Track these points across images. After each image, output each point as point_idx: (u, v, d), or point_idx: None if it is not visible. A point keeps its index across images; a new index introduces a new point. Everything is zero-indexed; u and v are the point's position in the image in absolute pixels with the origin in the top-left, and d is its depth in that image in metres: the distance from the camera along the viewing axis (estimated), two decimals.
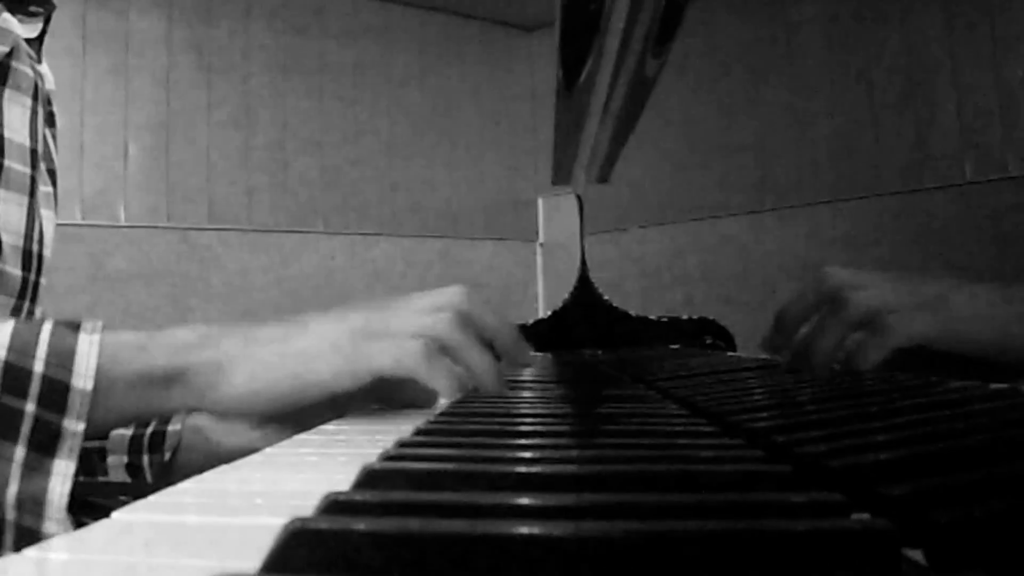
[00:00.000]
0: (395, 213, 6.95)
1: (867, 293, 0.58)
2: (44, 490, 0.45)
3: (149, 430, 0.76)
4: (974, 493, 0.21)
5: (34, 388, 0.45)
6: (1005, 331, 0.56)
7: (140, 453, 0.75)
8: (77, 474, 0.46)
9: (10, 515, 0.44)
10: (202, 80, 6.62)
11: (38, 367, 0.46)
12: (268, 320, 0.53)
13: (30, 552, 0.22)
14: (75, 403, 0.46)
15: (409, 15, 7.29)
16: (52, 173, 0.78)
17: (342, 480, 0.26)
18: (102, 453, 0.76)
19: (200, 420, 0.77)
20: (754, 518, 0.20)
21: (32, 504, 0.45)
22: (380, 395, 0.57)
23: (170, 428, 0.76)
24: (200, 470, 0.72)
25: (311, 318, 0.52)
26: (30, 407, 0.45)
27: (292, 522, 0.18)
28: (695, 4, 0.60)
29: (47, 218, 0.75)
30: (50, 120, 0.78)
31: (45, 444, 0.45)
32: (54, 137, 0.79)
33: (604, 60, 0.69)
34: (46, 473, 0.45)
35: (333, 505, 0.21)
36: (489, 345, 0.57)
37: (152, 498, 0.28)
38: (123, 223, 6.24)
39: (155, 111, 6.44)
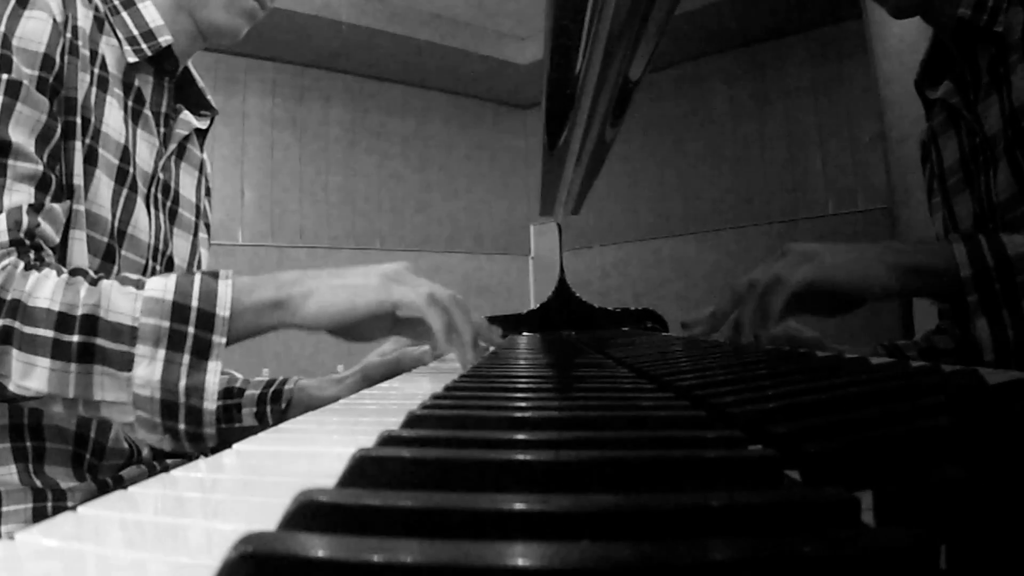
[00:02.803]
0: (430, 235, 6.97)
1: (761, 268, 0.59)
2: (203, 381, 0.50)
3: (271, 389, 0.78)
4: (835, 432, 0.21)
5: (192, 317, 0.50)
6: (865, 270, 0.57)
7: (265, 404, 0.78)
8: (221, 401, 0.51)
9: (181, 399, 0.50)
10: (295, 143, 6.63)
11: (194, 303, 0.51)
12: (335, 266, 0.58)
13: (176, 472, 0.22)
14: (219, 325, 0.51)
15: (441, 97, 7.30)
16: (207, 226, 0.81)
17: (394, 422, 0.26)
18: (239, 407, 0.78)
19: (304, 383, 0.79)
20: (679, 448, 0.20)
21: (196, 391, 0.50)
22: (399, 329, 0.60)
23: (285, 388, 0.78)
24: (302, 413, 0.74)
25: (364, 267, 0.56)
26: (191, 329, 0.50)
27: (359, 451, 0.18)
28: (640, 90, 0.60)
29: (204, 254, 0.79)
30: (207, 191, 0.81)
31: (202, 352, 0.50)
32: (210, 202, 0.82)
33: (576, 129, 0.69)
34: (204, 371, 0.50)
35: (387, 439, 0.21)
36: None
37: (261, 435, 0.28)
38: (240, 242, 6.24)
39: (262, 165, 6.45)
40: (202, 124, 0.76)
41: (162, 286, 0.50)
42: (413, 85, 7.06)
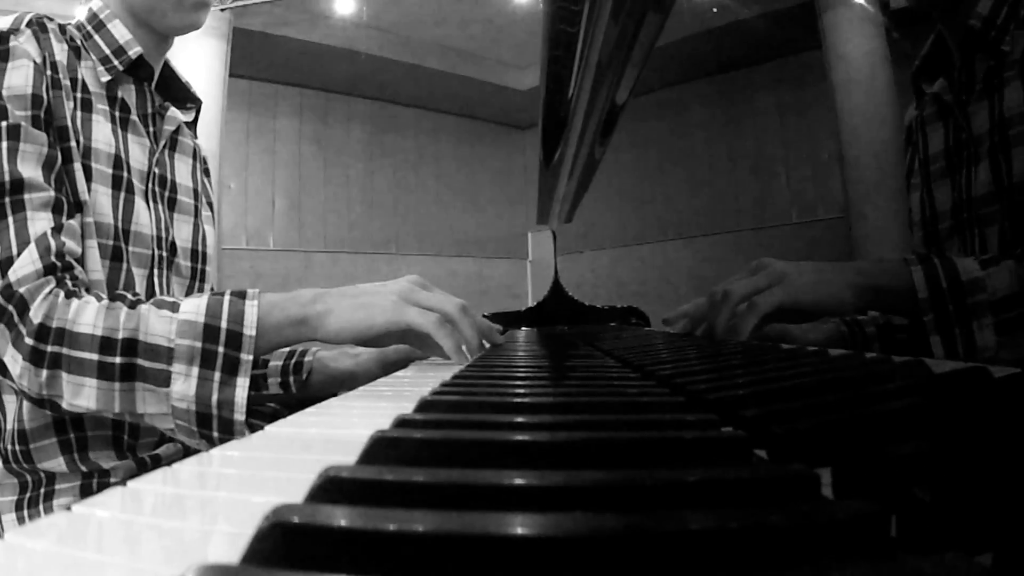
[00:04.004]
0: (439, 241, 6.97)
1: (741, 283, 0.58)
2: (233, 396, 0.49)
3: (293, 361, 0.78)
4: (798, 415, 0.21)
5: (222, 337, 0.49)
6: (830, 291, 0.56)
7: (288, 375, 0.78)
8: (250, 388, 0.50)
9: (214, 411, 0.49)
10: (320, 158, 6.63)
11: (223, 324, 0.50)
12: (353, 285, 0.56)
13: (215, 451, 0.22)
14: (246, 344, 0.50)
15: (448, 119, 7.30)
16: (210, 205, 0.80)
17: (408, 406, 0.26)
18: (264, 378, 0.78)
19: (321, 354, 0.79)
20: (660, 430, 0.20)
21: (226, 404, 0.49)
22: (409, 340, 0.58)
23: (306, 359, 0.78)
24: (322, 385, 0.74)
25: (377, 285, 0.55)
26: (221, 349, 0.49)
27: (376, 432, 0.18)
28: (625, 113, 0.60)
29: (208, 231, 0.77)
30: (206, 172, 0.80)
31: (231, 369, 0.49)
32: (209, 182, 0.81)
33: (568, 147, 0.69)
34: (233, 386, 0.49)
35: (401, 422, 0.21)
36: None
37: (290, 417, 0.28)
38: (271, 247, 6.24)
39: (291, 177, 6.45)
40: (188, 117, 0.75)
41: (195, 308, 0.50)
42: (424, 108, 7.06)
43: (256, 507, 0.14)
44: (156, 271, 0.66)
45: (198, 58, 4.30)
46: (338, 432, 0.26)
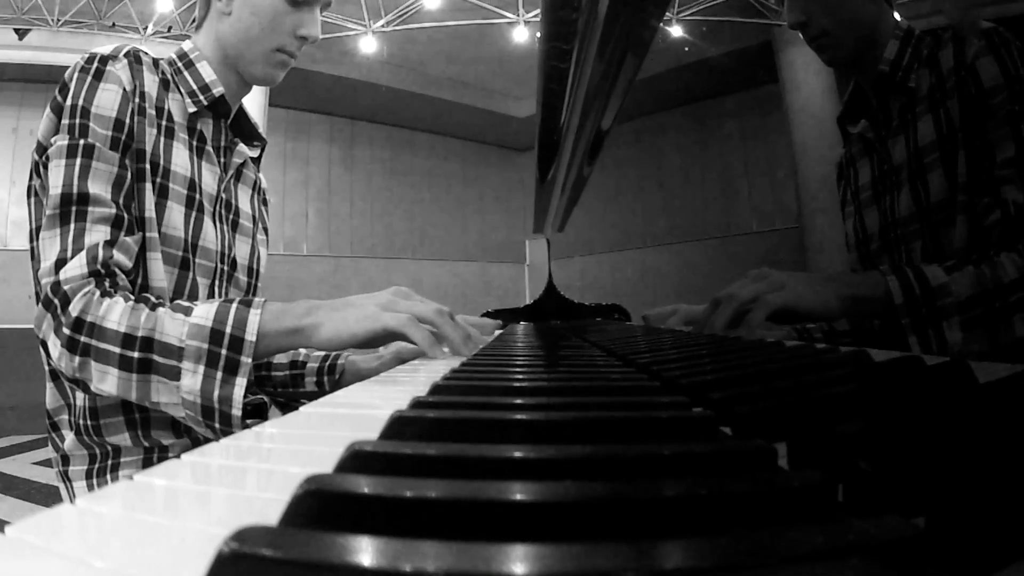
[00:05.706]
0: (448, 248, 6.96)
1: (745, 288, 0.55)
2: (232, 393, 0.49)
3: (327, 363, 0.77)
4: (758, 398, 0.21)
5: (226, 341, 0.49)
6: (821, 300, 0.54)
7: (323, 375, 0.77)
8: (254, 389, 0.48)
9: (216, 406, 0.48)
10: (347, 177, 6.62)
11: (228, 329, 0.49)
12: (345, 296, 0.54)
13: (256, 428, 0.22)
14: (247, 348, 0.49)
15: (457, 143, 7.29)
16: (266, 230, 0.79)
17: (422, 390, 0.25)
18: (302, 376, 0.77)
19: (352, 357, 0.78)
20: (636, 410, 0.20)
21: (226, 400, 0.49)
22: (393, 339, 0.56)
23: (339, 362, 0.78)
24: (352, 382, 0.72)
25: (364, 297, 0.53)
26: (224, 351, 0.49)
27: (395, 412, 0.18)
28: (609, 138, 0.60)
29: (262, 252, 0.77)
30: (264, 203, 0.79)
31: (232, 369, 0.49)
32: (267, 211, 0.80)
33: (560, 166, 0.69)
34: (232, 384, 0.49)
35: (417, 403, 0.21)
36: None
37: (321, 399, 0.28)
38: (305, 253, 6.22)
39: (322, 193, 6.43)
40: (253, 153, 0.75)
41: (205, 314, 0.50)
42: (436, 133, 7.07)
43: (293, 476, 0.14)
44: (217, 282, 0.66)
45: None
46: (363, 412, 0.26)
